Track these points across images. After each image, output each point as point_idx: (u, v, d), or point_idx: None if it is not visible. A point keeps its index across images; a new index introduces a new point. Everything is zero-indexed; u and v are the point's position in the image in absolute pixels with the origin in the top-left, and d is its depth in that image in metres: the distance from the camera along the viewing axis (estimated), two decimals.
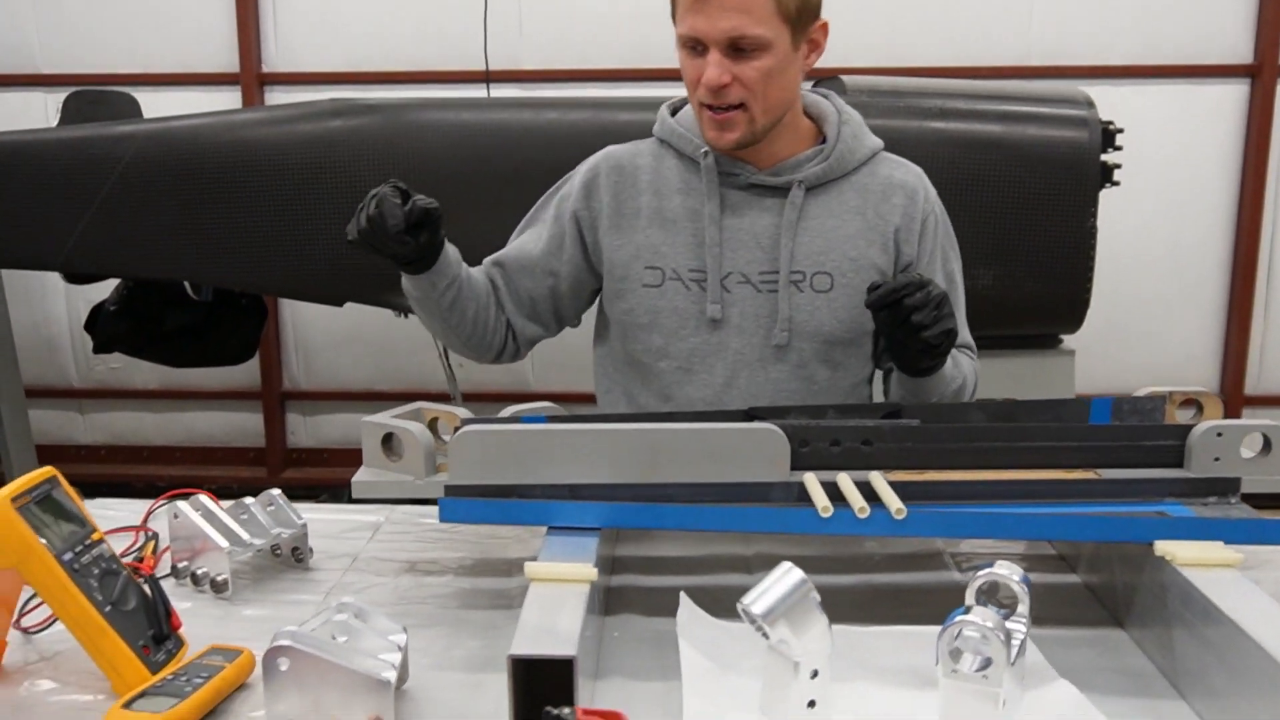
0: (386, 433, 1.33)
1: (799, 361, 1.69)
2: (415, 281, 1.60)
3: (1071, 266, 2.89)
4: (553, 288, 1.76)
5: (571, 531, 1.22)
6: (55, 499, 1.14)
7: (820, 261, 1.67)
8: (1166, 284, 4.18)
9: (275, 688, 1.00)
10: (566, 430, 1.28)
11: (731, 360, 1.69)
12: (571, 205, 1.75)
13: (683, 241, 1.68)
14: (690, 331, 1.69)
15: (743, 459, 1.27)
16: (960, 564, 1.44)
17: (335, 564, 1.43)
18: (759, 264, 1.67)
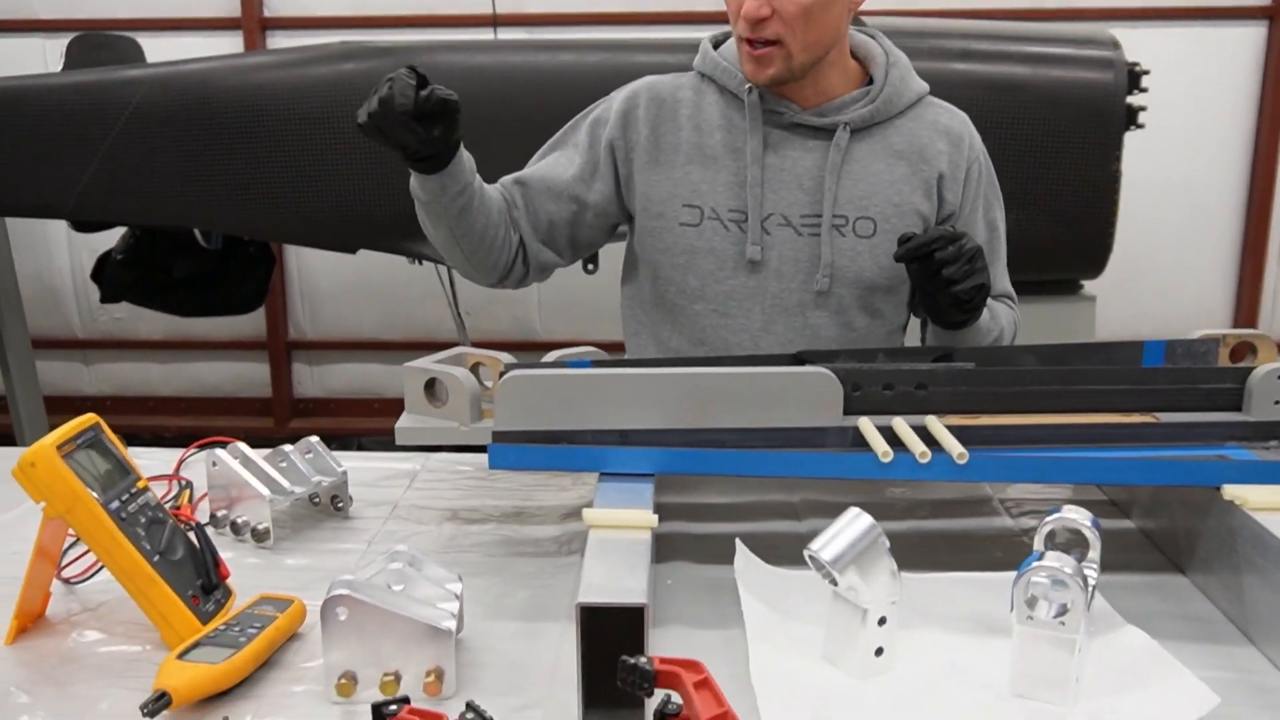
0: (430, 378, 1.30)
1: (838, 308, 1.65)
2: (424, 182, 1.50)
3: (1095, 211, 2.85)
4: (576, 215, 1.69)
5: (624, 478, 1.20)
6: (100, 446, 1.11)
7: (863, 206, 1.63)
8: (1181, 227, 4.14)
9: (333, 637, 0.98)
10: (615, 375, 1.25)
11: (769, 305, 1.65)
12: (608, 133, 1.68)
13: (723, 180, 1.63)
14: (728, 274, 1.65)
15: (795, 403, 1.24)
16: (1010, 509, 1.42)
17: (375, 512, 1.40)
18: (800, 206, 1.63)
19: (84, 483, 1.07)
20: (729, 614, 1.14)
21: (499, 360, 1.36)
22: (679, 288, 1.67)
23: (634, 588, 0.94)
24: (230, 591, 1.13)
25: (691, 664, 0.85)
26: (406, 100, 1.36)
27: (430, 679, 0.98)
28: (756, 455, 1.20)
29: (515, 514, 1.40)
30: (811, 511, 1.41)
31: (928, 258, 1.46)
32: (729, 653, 1.07)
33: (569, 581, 1.21)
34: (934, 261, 1.46)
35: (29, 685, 1.02)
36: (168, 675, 0.96)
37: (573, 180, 1.68)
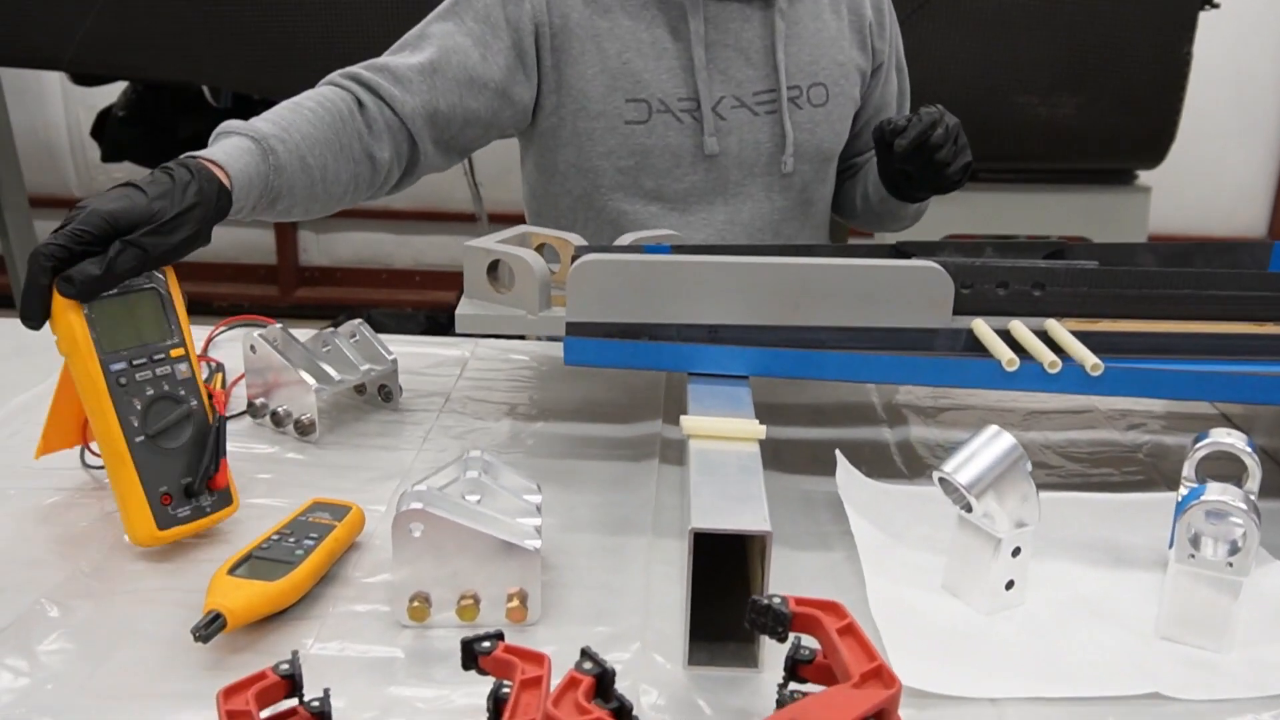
0: (493, 260, 1.17)
1: (800, 185, 1.55)
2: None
3: (1161, 97, 2.70)
4: (495, 113, 1.43)
5: (717, 380, 1.07)
6: (149, 299, 0.98)
7: (813, 72, 1.52)
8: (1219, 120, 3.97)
9: (405, 555, 0.86)
10: (702, 263, 1.11)
11: (732, 195, 1.52)
12: (530, 11, 1.42)
13: (666, 66, 1.47)
14: (686, 170, 1.50)
15: (901, 301, 1.11)
16: (1115, 421, 1.30)
17: (425, 404, 1.28)
18: (752, 83, 1.49)
19: (91, 330, 0.93)
20: (828, 534, 1.03)
21: (569, 241, 1.22)
22: (628, 192, 1.51)
23: (753, 511, 0.82)
24: (231, 500, 1.00)
25: (831, 606, 0.74)
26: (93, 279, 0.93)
27: (513, 604, 0.87)
28: (862, 358, 1.08)
29: (579, 409, 1.28)
30: (896, 416, 1.29)
31: (922, 144, 1.37)
32: (835, 579, 0.96)
33: (648, 489, 1.10)
34: (928, 147, 1.37)
35: (61, 596, 0.90)
36: (219, 594, 0.84)
37: (503, 70, 1.42)
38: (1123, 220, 2.93)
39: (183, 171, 1.01)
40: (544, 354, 1.43)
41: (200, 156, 1.06)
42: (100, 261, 0.92)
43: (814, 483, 1.11)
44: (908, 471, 1.16)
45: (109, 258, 0.92)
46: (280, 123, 1.19)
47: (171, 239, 0.96)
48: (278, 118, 1.21)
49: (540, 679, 0.72)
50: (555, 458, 1.16)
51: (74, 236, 0.93)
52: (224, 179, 1.05)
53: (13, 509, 1.04)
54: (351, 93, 1.32)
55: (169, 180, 1.00)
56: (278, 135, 1.17)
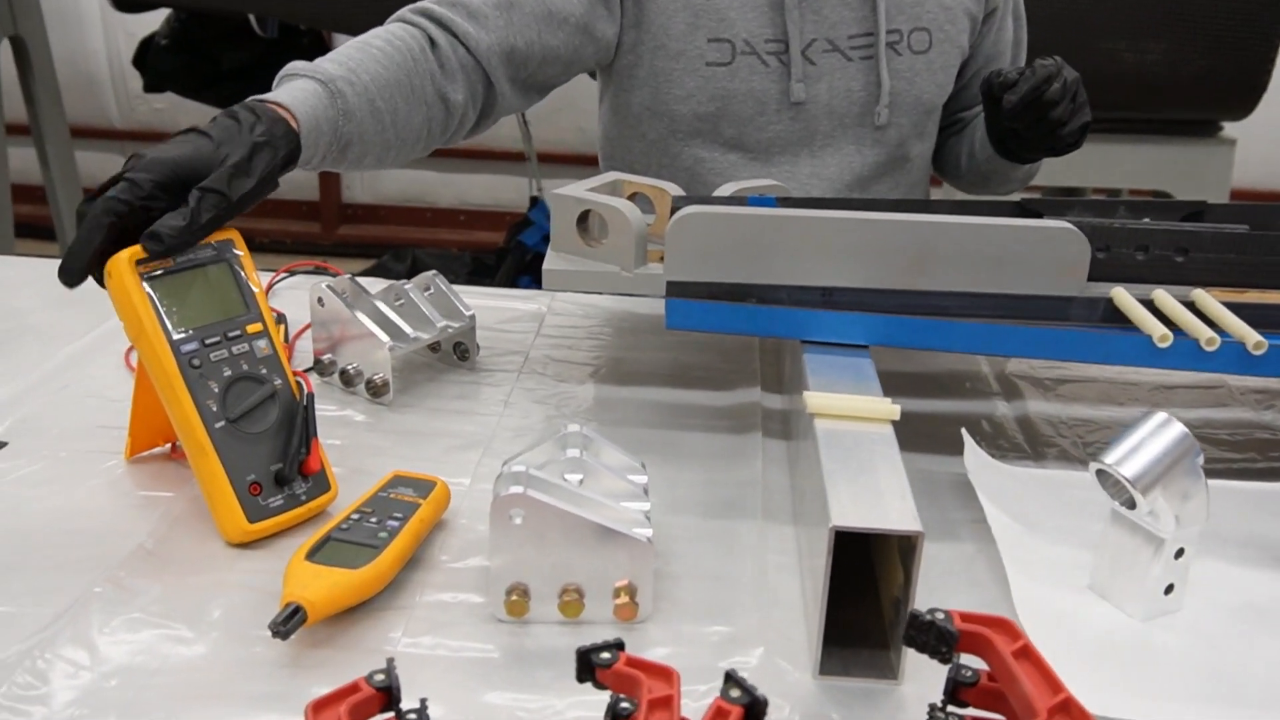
0: (584, 210, 1.07)
1: (897, 140, 1.43)
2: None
3: (1254, 40, 2.54)
4: (577, 51, 1.32)
5: (835, 350, 0.98)
6: (218, 270, 0.89)
7: (916, 15, 1.39)
8: None
9: (504, 544, 0.77)
10: (816, 219, 1.01)
11: (819, 147, 1.41)
12: None
13: (753, 4, 1.35)
14: (770, 118, 1.38)
15: (1031, 264, 1.01)
16: (1250, 400, 1.20)
17: (503, 364, 1.19)
18: (848, 26, 1.37)
19: (158, 311, 0.85)
20: (955, 522, 0.94)
21: (666, 191, 1.12)
22: (707, 140, 1.40)
23: (900, 507, 0.73)
24: (329, 486, 0.91)
25: (1002, 624, 0.65)
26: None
27: (622, 599, 0.78)
28: (995, 330, 0.98)
29: (670, 374, 1.18)
30: (1011, 389, 1.19)
31: (1035, 101, 1.25)
32: (969, 575, 0.87)
33: (753, 466, 1.00)
34: (1042, 104, 1.25)
35: (123, 575, 0.82)
36: (298, 583, 0.76)
37: (583, 4, 1.30)
38: (1204, 174, 2.79)
39: (247, 114, 0.93)
40: (627, 310, 1.33)
41: (265, 99, 0.97)
42: (183, 213, 0.84)
43: (932, 462, 1.01)
44: (1032, 451, 1.06)
45: (191, 207, 0.84)
46: (348, 64, 1.09)
47: (249, 181, 0.87)
48: (345, 58, 1.10)
49: (670, 699, 0.63)
50: (649, 428, 1.07)
51: (133, 187, 0.83)
52: (291, 122, 0.96)
53: (65, 473, 0.95)
54: (423, 30, 1.20)
55: (234, 123, 0.91)
56: (345, 77, 1.06)
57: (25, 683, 0.72)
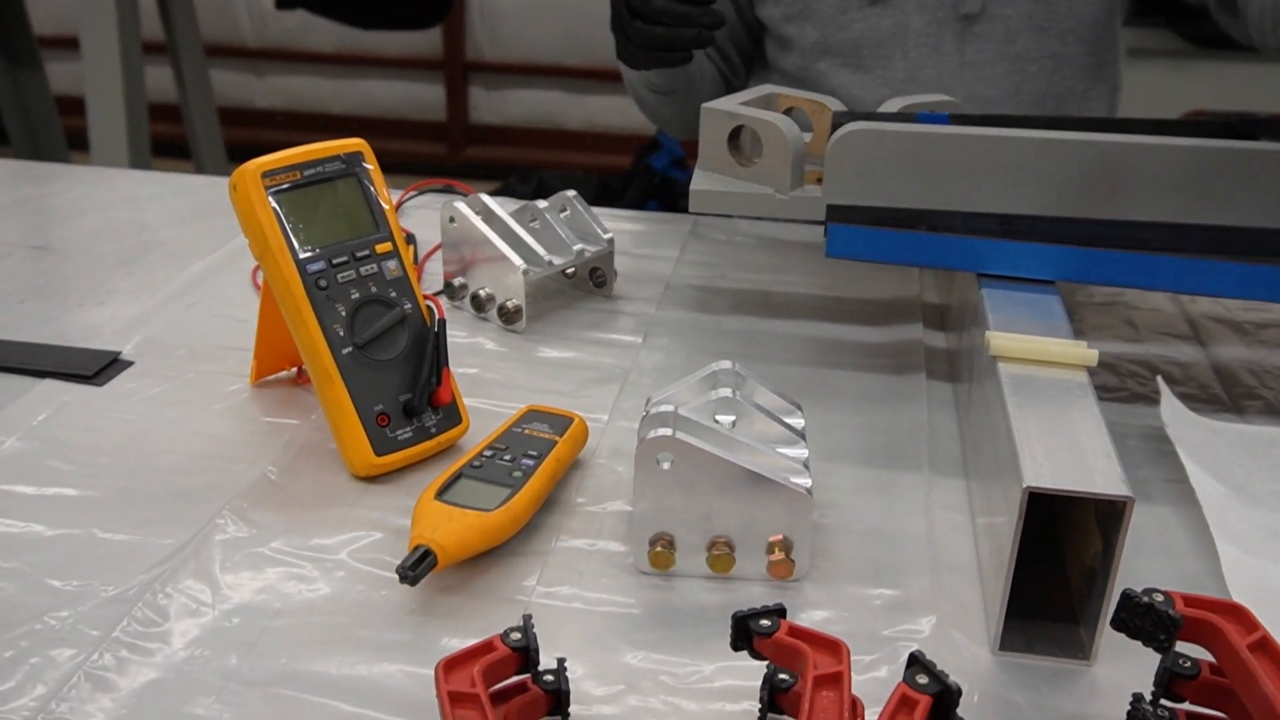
0: (736, 126, 0.98)
1: (1004, 35, 1.27)
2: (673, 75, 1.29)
3: None
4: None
5: (1015, 284, 0.88)
6: (348, 184, 0.84)
7: None
8: None
9: (649, 491, 0.71)
10: (994, 137, 0.91)
11: (914, 46, 1.28)
12: None
13: None
14: (852, 16, 1.28)
15: (1246, 193, 0.89)
16: None
17: (642, 292, 1.11)
18: None
19: (284, 227, 0.79)
20: (1146, 480, 0.84)
21: (825, 106, 1.03)
22: (799, 46, 1.32)
23: (1105, 468, 0.64)
24: (460, 418, 0.85)
25: (1235, 609, 0.56)
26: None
27: (777, 555, 0.71)
28: (1207, 266, 0.86)
29: (824, 307, 1.10)
30: (1204, 331, 1.07)
31: None
32: (1164, 542, 0.78)
33: (918, 411, 0.92)
34: None
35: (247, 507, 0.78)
36: (428, 524, 0.70)
37: None
38: None
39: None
40: (777, 236, 1.25)
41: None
42: None
43: (1114, 411, 0.91)
44: (1231, 403, 0.95)
45: None
46: None
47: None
48: None
49: (840, 676, 0.56)
50: (803, 365, 0.99)
51: None
52: None
53: (190, 396, 0.91)
54: None
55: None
56: None
57: (145, 618, 0.67)
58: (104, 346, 0.98)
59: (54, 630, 0.66)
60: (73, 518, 0.76)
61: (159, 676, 0.64)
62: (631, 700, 0.63)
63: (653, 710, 0.62)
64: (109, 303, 1.07)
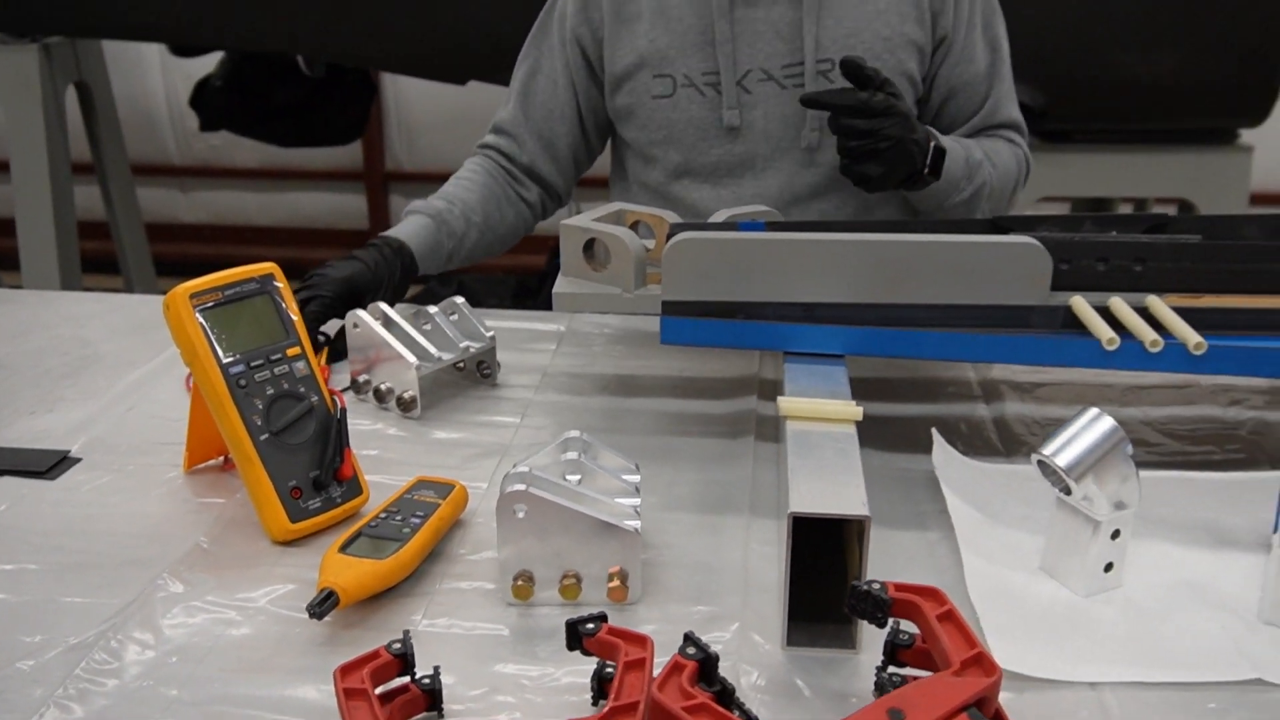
0: (589, 238, 1.18)
1: (835, 162, 1.47)
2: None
3: (1263, 51, 2.60)
4: (583, 129, 1.61)
5: (813, 359, 1.08)
6: (261, 301, 1.02)
7: (850, 45, 1.47)
8: None
9: (509, 535, 0.89)
10: (797, 241, 1.12)
11: (761, 169, 1.52)
12: (570, 25, 1.55)
13: (691, 42, 1.48)
14: (711, 143, 1.51)
15: (997, 277, 1.11)
16: (1217, 397, 1.28)
17: (522, 380, 1.30)
18: (781, 56, 1.48)
19: (209, 338, 0.97)
20: (925, 513, 1.03)
21: (664, 219, 1.23)
22: (663, 166, 1.55)
23: (852, 495, 0.83)
24: (361, 490, 1.03)
25: (930, 591, 0.75)
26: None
27: (614, 583, 0.89)
28: (960, 337, 1.07)
29: (675, 386, 1.29)
30: (993, 392, 1.28)
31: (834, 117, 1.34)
32: (932, 559, 0.97)
33: (745, 466, 1.11)
34: (839, 126, 1.33)
35: (184, 570, 0.94)
36: (332, 572, 0.88)
37: (565, 93, 1.58)
38: (1224, 181, 2.85)
39: (383, 245, 1.39)
40: (638, 329, 1.44)
41: (389, 234, 1.43)
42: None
43: (911, 460, 1.11)
44: (1004, 449, 1.16)
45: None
46: (448, 196, 1.53)
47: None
48: (445, 193, 1.54)
49: (644, 661, 0.74)
50: (653, 435, 1.18)
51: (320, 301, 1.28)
52: (409, 247, 1.42)
53: (132, 484, 1.08)
54: (487, 156, 1.62)
55: (376, 252, 1.37)
56: (448, 208, 1.50)
57: (101, 659, 0.84)
58: (54, 446, 1.14)
59: (25, 673, 0.83)
60: (35, 587, 0.93)
61: (114, 703, 0.80)
62: (496, 698, 0.80)
63: (510, 705, 0.80)
64: (57, 409, 1.24)
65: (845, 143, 1.34)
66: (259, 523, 0.99)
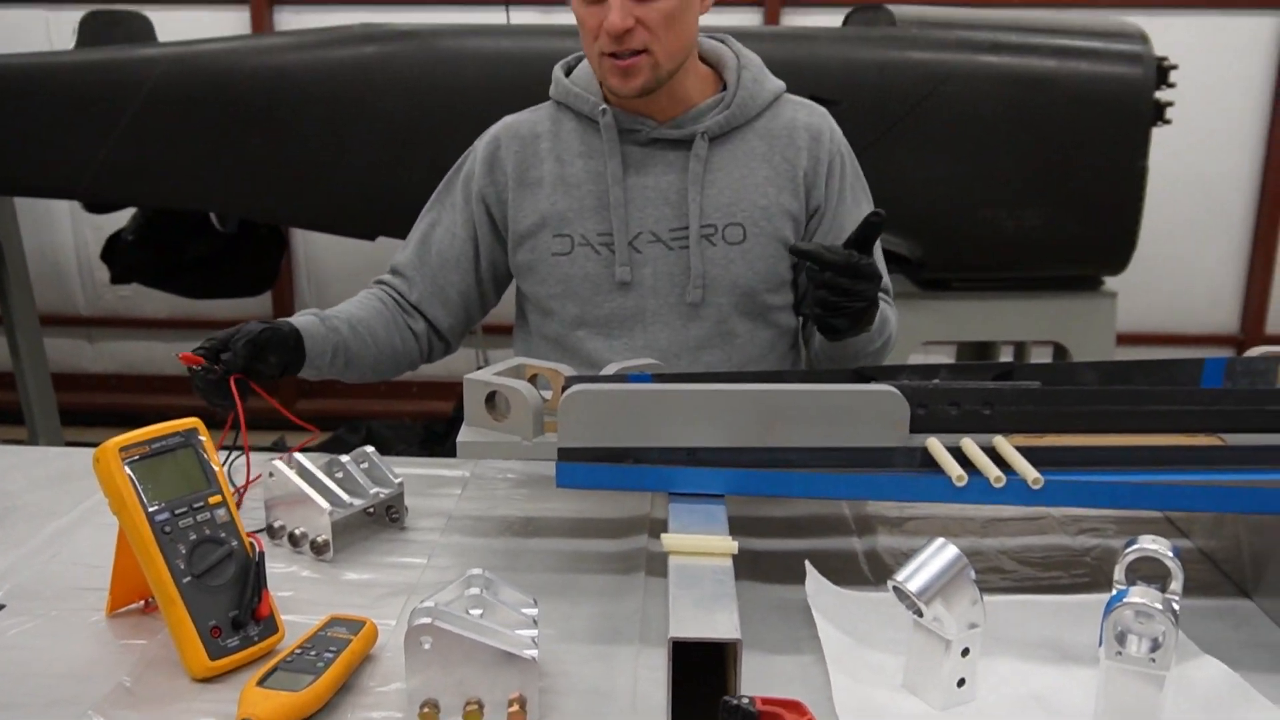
0: (490, 391, 1.28)
1: (717, 317, 1.66)
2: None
3: (1121, 208, 2.84)
4: (479, 278, 1.73)
5: (696, 499, 1.18)
6: (185, 453, 1.10)
7: (731, 213, 1.64)
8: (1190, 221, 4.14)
9: (416, 665, 0.96)
10: (680, 391, 1.23)
11: (649, 322, 1.66)
12: (476, 186, 1.70)
13: (589, 206, 1.64)
14: (604, 297, 1.66)
15: (861, 421, 1.23)
16: (1067, 527, 1.41)
17: (429, 523, 1.39)
18: (668, 221, 1.64)
19: (136, 489, 1.05)
20: (800, 638, 1.13)
21: (559, 372, 1.34)
22: (560, 318, 1.68)
23: (725, 621, 0.93)
24: (277, 628, 1.10)
25: (793, 705, 0.85)
26: (220, 399, 1.40)
27: (514, 708, 0.97)
28: (827, 477, 1.19)
29: (573, 527, 1.39)
30: (865, 526, 1.40)
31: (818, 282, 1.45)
32: (806, 680, 1.06)
33: (637, 601, 1.20)
34: (823, 280, 1.44)
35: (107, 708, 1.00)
36: (250, 704, 0.95)
37: (463, 244, 1.71)
38: (1092, 324, 3.06)
39: (281, 324, 1.48)
40: (538, 473, 1.54)
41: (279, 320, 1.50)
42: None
43: (789, 591, 1.21)
44: (874, 579, 1.27)
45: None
46: (336, 309, 1.64)
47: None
48: (335, 309, 1.63)
49: None
50: (551, 572, 1.27)
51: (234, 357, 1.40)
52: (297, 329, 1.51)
53: (57, 629, 1.14)
54: (383, 289, 1.72)
55: (272, 328, 1.45)
56: (333, 313, 1.61)
57: None
58: None
59: None
60: None
61: None
62: None
63: None
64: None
65: (826, 296, 1.44)
66: (180, 661, 1.05)
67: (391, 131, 2.79)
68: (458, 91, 2.77)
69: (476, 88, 2.76)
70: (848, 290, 1.43)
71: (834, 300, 1.44)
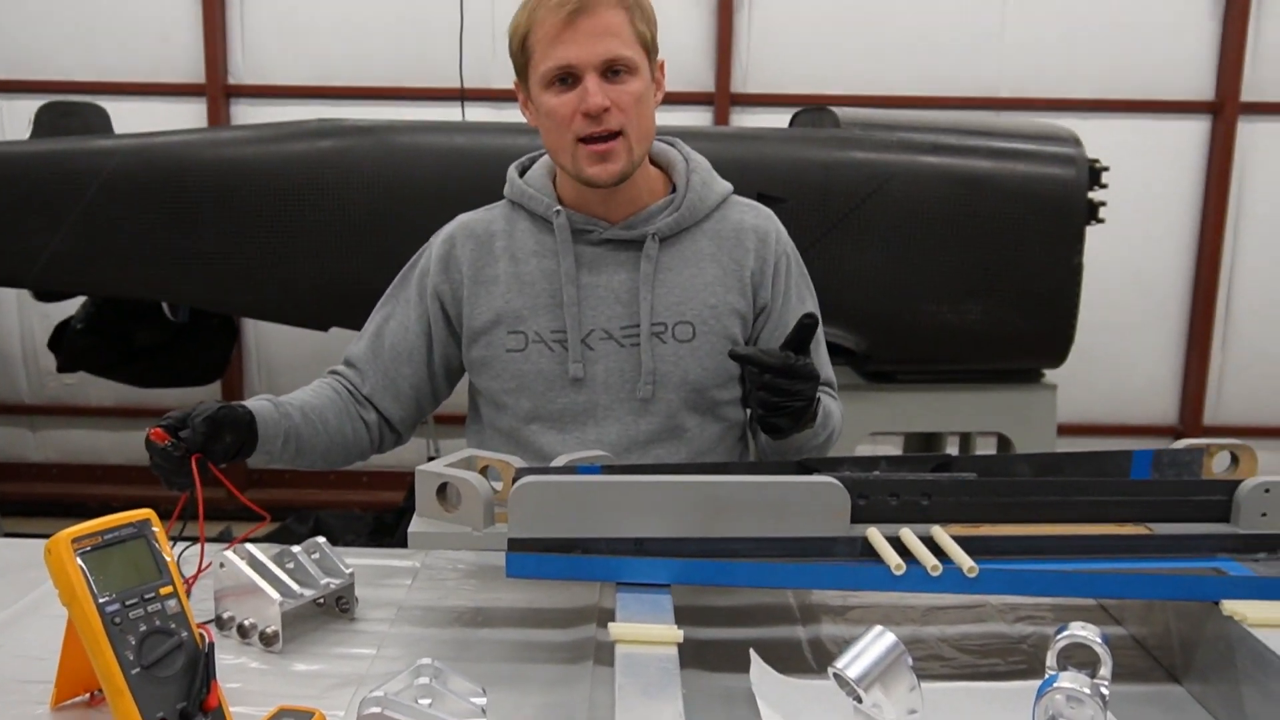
0: (442, 483, 1.31)
1: (667, 412, 1.70)
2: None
3: (1058, 303, 2.94)
4: (431, 371, 1.77)
5: (643, 588, 1.21)
6: (137, 544, 1.11)
7: (680, 311, 1.70)
8: (1128, 316, 4.26)
9: None
10: (628, 483, 1.26)
11: (601, 416, 1.70)
12: (431, 283, 1.74)
13: (543, 304, 1.69)
14: (557, 392, 1.70)
15: (804, 512, 1.26)
16: (1005, 615, 1.44)
17: (380, 614, 1.39)
18: (620, 319, 1.69)
19: (87, 580, 1.06)
20: None
21: (510, 464, 1.37)
22: (514, 412, 1.72)
23: (669, 710, 0.95)
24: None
25: None
26: (183, 477, 1.44)
27: None
28: (771, 567, 1.22)
29: (522, 617, 1.40)
30: (810, 615, 1.42)
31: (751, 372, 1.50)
32: None
33: (584, 689, 1.21)
34: (761, 384, 1.49)
35: None
36: None
37: (416, 339, 1.75)
38: (1033, 415, 3.14)
39: (235, 405, 1.50)
40: (488, 563, 1.55)
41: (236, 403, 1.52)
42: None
43: (733, 679, 1.23)
44: (818, 667, 1.29)
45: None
46: (290, 396, 1.66)
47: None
48: (288, 396, 1.66)
49: None
50: (500, 661, 1.28)
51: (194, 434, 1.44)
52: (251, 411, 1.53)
53: None
54: (337, 379, 1.76)
55: (229, 408, 1.48)
56: (287, 400, 1.63)
57: None
58: None
59: None
60: None
61: None
62: None
63: None
64: None
65: (766, 397, 1.49)
66: None
67: (346, 224, 2.84)
68: (412, 186, 2.82)
69: (431, 183, 2.82)
70: (786, 390, 1.48)
71: (774, 401, 1.49)
